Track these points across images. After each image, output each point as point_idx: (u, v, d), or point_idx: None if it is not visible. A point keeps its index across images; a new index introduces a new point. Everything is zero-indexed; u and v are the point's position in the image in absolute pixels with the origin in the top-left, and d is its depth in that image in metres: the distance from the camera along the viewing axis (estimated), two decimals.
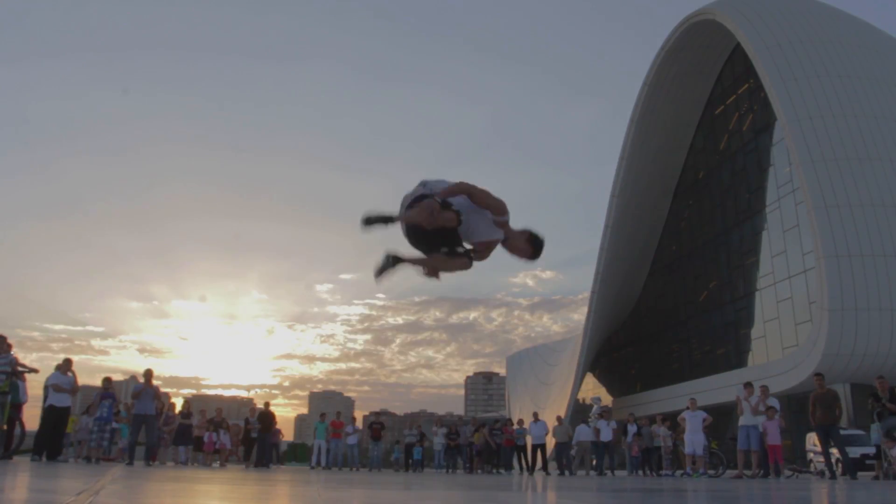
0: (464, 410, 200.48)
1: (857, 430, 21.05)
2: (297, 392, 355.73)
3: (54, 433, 13.01)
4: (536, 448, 20.94)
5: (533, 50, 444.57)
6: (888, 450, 12.80)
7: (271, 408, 19.78)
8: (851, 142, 29.83)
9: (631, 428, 19.30)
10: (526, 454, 21.09)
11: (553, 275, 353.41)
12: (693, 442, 16.20)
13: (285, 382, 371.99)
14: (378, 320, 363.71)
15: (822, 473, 16.13)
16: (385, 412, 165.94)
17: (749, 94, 37.75)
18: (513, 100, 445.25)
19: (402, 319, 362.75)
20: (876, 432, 13.39)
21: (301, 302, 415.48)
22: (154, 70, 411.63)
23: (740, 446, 14.24)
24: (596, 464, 19.82)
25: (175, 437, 17.77)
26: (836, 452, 13.81)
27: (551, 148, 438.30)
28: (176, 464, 16.62)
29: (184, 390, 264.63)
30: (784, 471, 15.54)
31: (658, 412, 24.39)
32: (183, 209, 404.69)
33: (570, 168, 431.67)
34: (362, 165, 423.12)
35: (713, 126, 41.88)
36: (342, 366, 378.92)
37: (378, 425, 23.07)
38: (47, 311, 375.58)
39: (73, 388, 13.21)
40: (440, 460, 22.53)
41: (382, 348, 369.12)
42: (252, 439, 19.08)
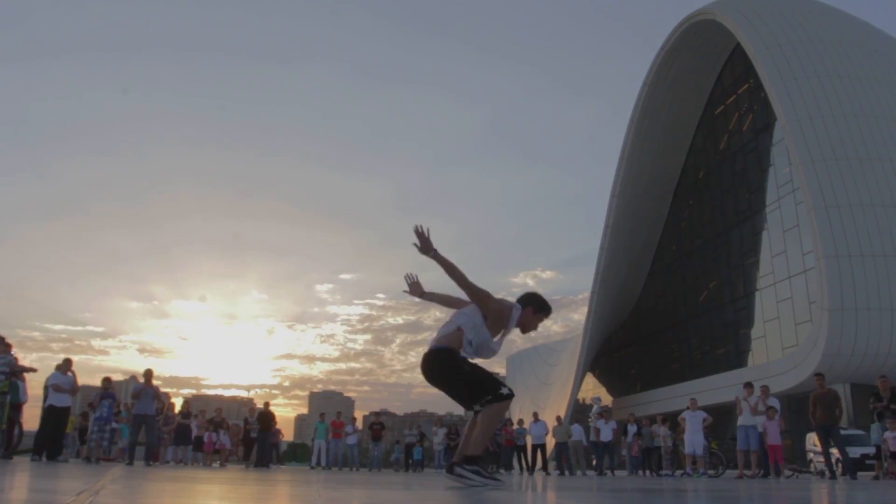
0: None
1: (857, 430, 21.06)
2: (297, 392, 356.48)
3: (54, 433, 13.02)
4: (536, 448, 20.95)
5: (533, 50, 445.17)
6: None
7: (271, 408, 19.79)
8: (851, 142, 29.82)
9: (631, 428, 19.29)
10: (526, 454, 21.10)
11: (553, 275, 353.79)
12: (693, 442, 16.20)
13: (285, 382, 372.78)
14: (378, 320, 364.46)
15: (822, 473, 16.13)
16: (385, 412, 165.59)
17: (749, 94, 37.74)
18: (513, 100, 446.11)
19: (402, 319, 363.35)
20: (876, 432, 13.38)
21: (301, 302, 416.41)
22: (154, 70, 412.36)
23: (740, 446, 14.26)
24: (596, 464, 19.82)
25: (175, 437, 17.78)
26: (836, 452, 13.80)
27: (551, 148, 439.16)
28: (176, 464, 16.61)
29: (184, 390, 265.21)
30: (784, 471, 15.53)
31: (658, 412, 24.38)
32: (183, 209, 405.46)
33: (570, 168, 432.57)
34: (362, 165, 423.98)
35: (713, 126, 41.87)
36: (342, 366, 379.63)
37: (378, 425, 23.08)
38: (47, 311, 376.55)
39: (73, 388, 13.22)
40: (440, 460, 22.54)
41: (382, 348, 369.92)
42: (252, 439, 19.08)
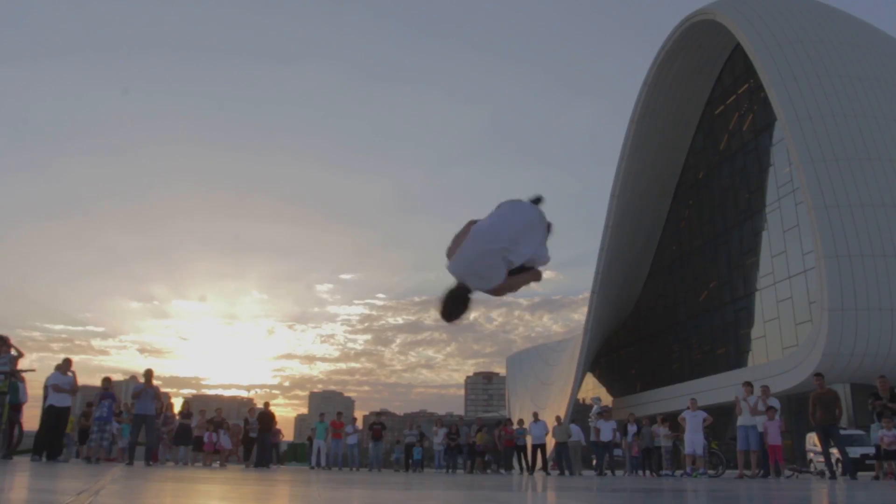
0: (464, 410, 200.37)
1: (857, 430, 21.05)
2: (297, 392, 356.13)
3: (54, 433, 13.00)
4: (536, 448, 20.94)
5: (533, 50, 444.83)
6: None
7: (271, 408, 19.77)
8: (851, 142, 29.81)
9: (631, 428, 19.27)
10: (526, 454, 21.08)
11: (553, 275, 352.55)
12: (693, 442, 16.19)
13: (285, 382, 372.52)
14: (378, 320, 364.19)
15: (822, 473, 16.13)
16: (385, 412, 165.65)
17: (749, 94, 37.73)
18: (513, 100, 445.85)
19: (402, 319, 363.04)
20: (876, 432, 13.37)
21: (301, 302, 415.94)
22: (154, 70, 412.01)
23: (740, 447, 14.25)
24: (596, 464, 19.81)
25: (175, 437, 17.76)
26: (836, 452, 13.80)
27: (551, 148, 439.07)
28: (176, 464, 16.61)
29: (184, 390, 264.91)
30: (784, 471, 15.53)
31: (658, 412, 24.39)
32: (183, 209, 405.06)
33: (570, 168, 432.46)
34: (362, 165, 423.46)
35: (713, 126, 41.86)
36: (342, 366, 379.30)
37: (378, 425, 23.05)
38: (47, 311, 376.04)
39: (73, 388, 13.20)
40: (440, 460, 22.52)
41: (382, 348, 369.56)
42: (252, 439, 19.06)
